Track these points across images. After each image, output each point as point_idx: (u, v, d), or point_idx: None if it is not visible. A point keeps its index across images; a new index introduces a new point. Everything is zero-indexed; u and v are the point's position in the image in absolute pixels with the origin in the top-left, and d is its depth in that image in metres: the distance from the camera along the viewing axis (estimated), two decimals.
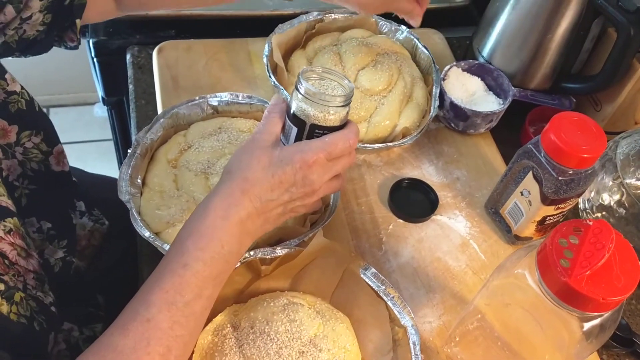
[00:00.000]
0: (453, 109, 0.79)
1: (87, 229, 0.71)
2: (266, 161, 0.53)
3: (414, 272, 0.69)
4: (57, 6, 0.60)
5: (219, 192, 0.52)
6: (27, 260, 0.53)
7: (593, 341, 0.47)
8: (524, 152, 0.64)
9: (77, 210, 0.72)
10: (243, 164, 0.53)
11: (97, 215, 0.74)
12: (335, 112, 0.54)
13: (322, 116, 0.54)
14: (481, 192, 0.77)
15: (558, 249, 0.45)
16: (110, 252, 0.75)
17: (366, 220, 0.73)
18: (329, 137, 0.54)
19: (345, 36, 0.83)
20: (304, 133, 0.55)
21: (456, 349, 0.62)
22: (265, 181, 0.52)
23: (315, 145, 0.53)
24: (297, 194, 0.53)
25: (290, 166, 0.52)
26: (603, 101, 0.82)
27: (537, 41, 0.79)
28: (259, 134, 0.55)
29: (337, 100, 0.54)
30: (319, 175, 0.53)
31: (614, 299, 0.43)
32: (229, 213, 0.51)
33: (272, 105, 0.57)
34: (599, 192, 0.71)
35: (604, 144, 0.59)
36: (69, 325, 0.63)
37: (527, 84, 0.84)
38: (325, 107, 0.53)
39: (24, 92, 0.60)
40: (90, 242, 0.72)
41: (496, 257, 0.71)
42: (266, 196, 0.52)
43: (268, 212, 0.53)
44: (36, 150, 0.61)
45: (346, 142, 0.54)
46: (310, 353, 0.54)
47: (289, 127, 0.55)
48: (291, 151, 0.53)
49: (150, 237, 0.60)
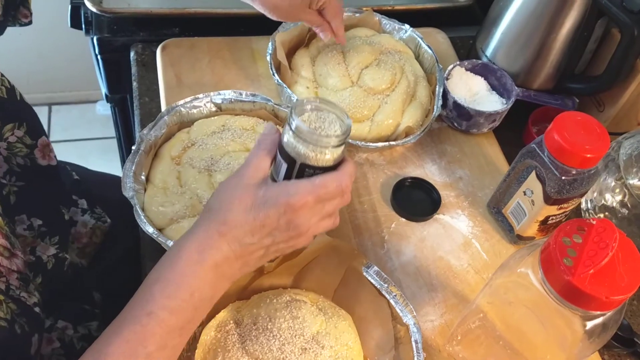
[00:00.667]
0: (456, 108, 0.79)
1: (89, 227, 0.71)
2: (249, 202, 0.48)
3: (416, 271, 0.69)
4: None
5: (195, 233, 0.49)
6: (11, 260, 0.51)
7: (595, 340, 0.47)
8: (528, 151, 0.64)
9: (79, 208, 0.71)
10: (224, 204, 0.49)
11: (99, 213, 0.74)
12: (328, 152, 0.49)
13: (313, 156, 0.49)
14: (484, 191, 0.77)
15: (562, 247, 0.45)
16: (111, 250, 0.75)
17: (369, 218, 0.73)
18: (320, 179, 0.49)
19: (349, 35, 0.84)
20: (293, 171, 0.50)
21: (458, 348, 0.62)
22: (246, 224, 0.48)
23: (303, 187, 0.48)
24: (281, 237, 0.50)
25: (274, 209, 0.48)
26: (606, 102, 0.82)
27: (541, 41, 0.79)
28: (245, 168, 0.51)
29: (332, 142, 0.48)
30: (305, 220, 0.49)
31: (617, 298, 0.43)
32: (203, 257, 0.47)
33: (263, 136, 0.52)
34: (602, 192, 0.71)
35: (607, 144, 0.59)
36: (64, 324, 0.63)
37: (531, 84, 0.84)
38: (318, 147, 0.48)
39: (4, 80, 0.57)
40: (91, 240, 0.72)
41: (498, 257, 0.71)
42: (246, 240, 0.48)
43: (248, 255, 0.50)
44: (20, 144, 0.60)
45: (339, 185, 0.49)
46: (313, 350, 0.54)
47: (279, 161, 0.50)
48: (276, 192, 0.48)
49: (153, 233, 0.60)
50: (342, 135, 0.49)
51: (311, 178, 0.49)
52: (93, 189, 0.76)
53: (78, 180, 0.77)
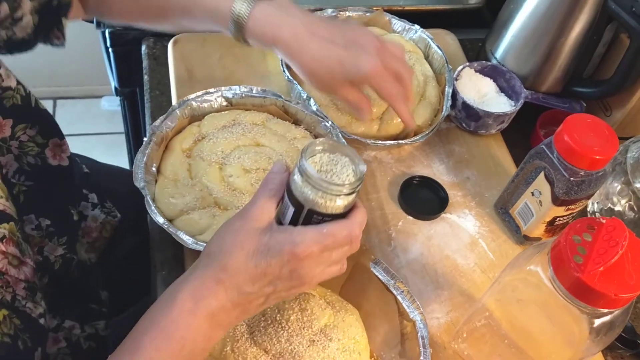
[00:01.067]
0: (465, 109, 0.80)
1: (99, 222, 0.71)
2: (251, 248, 0.46)
3: (423, 269, 0.69)
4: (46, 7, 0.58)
5: (191, 279, 0.46)
6: (19, 269, 0.50)
7: (602, 339, 0.48)
8: (537, 152, 0.65)
9: (89, 202, 0.72)
10: (224, 248, 0.46)
11: (109, 207, 0.74)
12: (339, 200, 0.46)
13: (322, 203, 0.46)
14: (491, 192, 0.77)
15: (572, 245, 0.45)
16: (121, 245, 0.75)
17: (376, 216, 0.73)
18: (328, 228, 0.46)
19: None
20: (300, 215, 0.47)
21: (463, 345, 0.63)
22: (246, 272, 0.46)
23: (309, 236, 0.45)
24: (283, 286, 0.47)
25: (277, 258, 0.45)
26: (613, 106, 0.83)
27: (551, 44, 0.80)
28: (250, 209, 0.47)
29: (343, 190, 0.45)
30: (310, 269, 0.47)
31: (626, 296, 0.43)
32: (198, 306, 0.45)
33: (271, 174, 0.49)
34: (608, 195, 0.72)
35: (616, 147, 0.60)
36: (70, 323, 0.62)
37: (539, 86, 0.84)
38: (328, 194, 0.45)
39: (20, 88, 0.57)
40: (101, 235, 0.72)
41: (505, 257, 0.72)
42: (245, 288, 0.46)
43: (246, 303, 0.47)
44: (32, 143, 0.59)
45: (348, 234, 0.46)
46: (321, 342, 0.54)
47: (286, 204, 0.47)
48: (281, 240, 0.46)
49: (164, 224, 0.60)
50: (355, 182, 0.46)
51: (319, 226, 0.46)
52: (102, 182, 0.76)
53: (88, 173, 0.77)
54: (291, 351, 0.53)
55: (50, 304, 0.57)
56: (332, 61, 0.62)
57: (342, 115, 0.77)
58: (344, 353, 0.55)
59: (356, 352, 0.56)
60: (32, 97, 0.59)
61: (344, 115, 0.77)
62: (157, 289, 0.63)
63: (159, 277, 0.64)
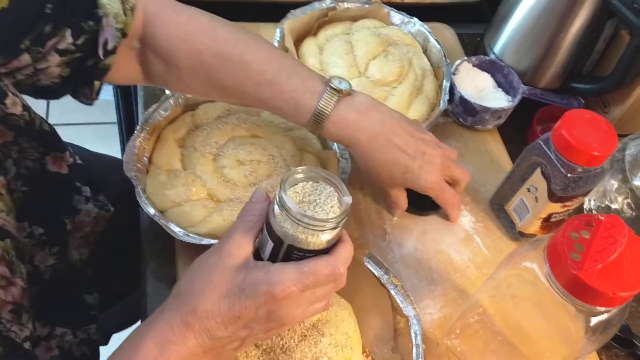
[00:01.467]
0: (462, 103, 0.79)
1: (92, 216, 0.70)
2: (224, 289, 0.42)
3: (417, 264, 0.69)
4: (78, 64, 0.55)
5: (158, 322, 0.42)
6: (7, 290, 0.48)
7: (598, 337, 0.47)
8: (534, 147, 0.64)
9: (82, 196, 0.70)
10: (195, 288, 0.43)
11: (102, 201, 0.72)
12: (322, 235, 0.42)
13: (303, 238, 0.42)
14: (486, 187, 0.77)
15: (569, 242, 0.44)
16: (113, 238, 0.74)
17: (371, 210, 0.73)
18: (309, 266, 0.42)
19: (357, 25, 0.83)
20: (280, 251, 0.43)
21: (456, 341, 0.62)
22: (218, 315, 0.42)
23: (288, 275, 0.42)
24: (260, 328, 0.44)
25: (252, 300, 0.42)
26: (612, 103, 0.82)
27: (550, 40, 0.79)
28: (224, 244, 0.44)
29: (326, 225, 0.41)
30: (289, 310, 0.43)
31: (624, 294, 0.43)
32: (164, 354, 0.41)
33: (250, 205, 0.45)
34: (606, 193, 0.71)
35: (615, 143, 0.59)
36: (62, 330, 0.60)
37: (537, 82, 0.83)
38: (309, 230, 0.42)
39: (25, 114, 0.54)
40: (94, 229, 0.71)
41: (499, 253, 0.71)
42: (217, 333, 0.42)
43: (219, 348, 0.43)
44: (33, 150, 0.57)
45: (331, 273, 0.43)
46: (313, 337, 0.53)
47: (265, 237, 0.44)
48: (256, 280, 0.42)
49: (155, 215, 0.59)
50: (339, 216, 0.42)
51: (299, 263, 0.42)
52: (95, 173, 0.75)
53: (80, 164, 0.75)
54: (282, 346, 0.52)
55: (40, 312, 0.55)
56: (397, 169, 0.63)
57: None
58: (336, 348, 0.54)
59: (348, 347, 0.55)
60: (37, 120, 0.56)
61: None
62: (147, 281, 0.62)
63: (149, 270, 0.63)
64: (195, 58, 0.58)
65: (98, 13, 0.52)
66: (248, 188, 0.64)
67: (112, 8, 0.53)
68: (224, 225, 0.61)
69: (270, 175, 0.66)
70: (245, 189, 0.64)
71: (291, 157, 0.69)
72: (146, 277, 0.63)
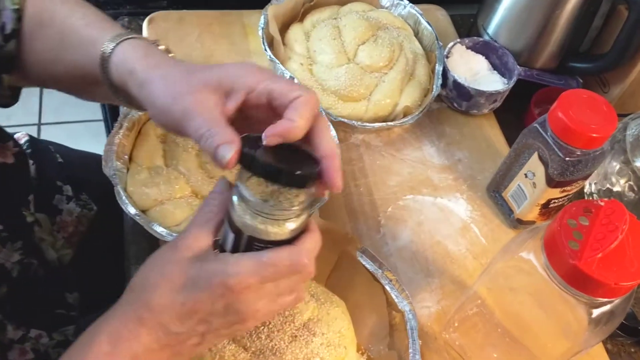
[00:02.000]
0: (456, 87, 0.76)
1: (75, 215, 0.68)
2: (178, 282, 0.40)
3: (413, 256, 0.66)
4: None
5: (112, 318, 0.41)
6: None
7: (602, 329, 0.45)
8: (530, 131, 0.61)
9: (63, 195, 0.68)
10: (149, 282, 0.40)
11: (85, 200, 0.70)
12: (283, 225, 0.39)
13: (263, 229, 0.39)
14: (483, 174, 0.74)
15: (567, 230, 0.42)
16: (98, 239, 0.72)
17: (364, 202, 0.70)
18: (268, 256, 0.39)
19: (345, 9, 0.80)
20: (241, 243, 0.41)
21: (455, 335, 0.60)
22: (172, 309, 0.39)
23: (245, 266, 0.39)
24: (219, 323, 0.41)
25: (207, 293, 0.39)
26: (611, 82, 0.79)
27: (545, 17, 0.76)
28: (182, 237, 0.41)
29: (285, 215, 0.39)
30: (250, 303, 0.40)
31: (627, 284, 0.40)
32: (117, 349, 0.39)
33: (211, 195, 0.42)
34: (607, 175, 0.69)
35: (615, 124, 0.56)
36: (37, 332, 0.58)
37: (533, 63, 0.80)
38: (269, 220, 0.39)
39: None
40: (77, 229, 0.69)
41: (497, 242, 0.69)
42: (172, 328, 0.40)
43: (178, 344, 0.41)
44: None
45: (292, 264, 0.40)
46: (304, 337, 0.51)
47: (226, 229, 0.41)
48: (212, 271, 0.39)
49: (136, 215, 0.57)
50: (304, 203, 0.39)
51: (258, 253, 0.40)
52: (77, 172, 0.73)
53: (62, 163, 0.73)
54: (272, 348, 0.50)
55: (12, 314, 0.53)
56: None
57: (328, 96, 0.74)
58: (329, 348, 0.52)
59: (341, 346, 0.53)
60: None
61: (329, 97, 0.74)
62: None
63: (133, 271, 0.61)
64: None
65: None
66: None
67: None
68: None
69: None
70: None
71: None
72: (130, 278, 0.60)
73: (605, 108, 0.56)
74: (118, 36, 0.48)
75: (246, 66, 0.44)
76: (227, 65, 0.44)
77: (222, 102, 0.42)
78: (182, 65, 0.46)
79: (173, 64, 0.46)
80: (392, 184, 0.72)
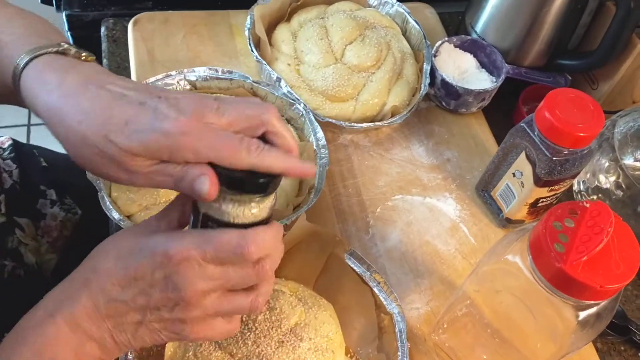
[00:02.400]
0: (444, 86, 0.76)
1: (59, 220, 0.67)
2: (125, 249, 0.40)
3: (402, 257, 0.66)
4: None
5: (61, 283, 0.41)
6: None
7: (589, 331, 0.45)
8: (517, 130, 0.61)
9: (47, 199, 0.67)
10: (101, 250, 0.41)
11: (69, 204, 0.69)
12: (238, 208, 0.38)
13: (216, 206, 0.38)
14: (472, 173, 0.74)
15: (552, 232, 0.42)
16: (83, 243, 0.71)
17: (353, 203, 0.70)
18: (214, 233, 0.38)
19: (332, 9, 0.79)
20: (197, 221, 0.40)
21: (444, 336, 0.60)
22: (115, 275, 0.39)
23: (189, 237, 0.38)
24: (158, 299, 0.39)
25: (148, 259, 0.38)
26: (600, 79, 0.79)
27: (533, 15, 0.75)
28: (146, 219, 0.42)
29: (251, 197, 0.38)
30: (188, 280, 0.38)
31: (613, 287, 0.40)
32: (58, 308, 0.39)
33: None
34: (595, 173, 0.68)
35: (602, 123, 0.56)
36: None
37: (521, 61, 0.80)
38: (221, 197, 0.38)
39: None
40: (62, 234, 0.68)
41: (487, 241, 0.68)
42: (113, 293, 0.39)
43: (118, 316, 0.40)
44: None
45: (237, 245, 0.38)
46: (291, 342, 0.51)
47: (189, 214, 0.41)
48: (156, 242, 0.39)
49: (120, 220, 0.56)
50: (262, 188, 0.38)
51: (205, 230, 0.39)
52: (62, 175, 0.72)
53: (46, 167, 0.72)
54: (258, 354, 0.50)
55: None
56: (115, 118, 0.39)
57: (315, 97, 0.73)
58: (316, 353, 0.51)
59: (329, 351, 0.52)
60: None
61: (317, 97, 0.73)
62: None
63: None
64: None
65: None
66: None
67: None
68: None
69: None
70: None
71: None
72: None
73: (592, 107, 0.56)
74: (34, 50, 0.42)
75: None
76: None
77: None
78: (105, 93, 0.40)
79: None
80: (381, 184, 0.72)
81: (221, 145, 0.37)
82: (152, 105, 0.38)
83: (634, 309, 0.67)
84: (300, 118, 0.69)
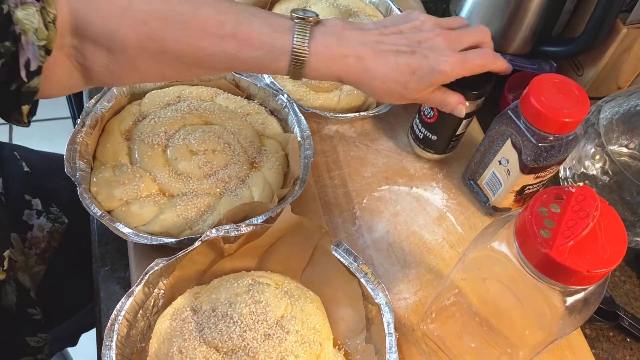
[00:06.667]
0: None
1: (46, 231, 0.65)
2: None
3: (389, 247, 0.65)
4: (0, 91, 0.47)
5: None
6: None
7: (577, 316, 0.44)
8: (502, 117, 0.61)
9: (33, 210, 0.65)
10: None
11: (56, 213, 0.67)
12: None
13: None
14: (459, 162, 0.73)
15: (538, 218, 0.41)
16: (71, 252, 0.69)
17: (339, 194, 0.69)
18: None
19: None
20: None
21: (432, 326, 0.59)
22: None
23: None
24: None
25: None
26: (585, 65, 0.78)
27: (516, 2, 0.75)
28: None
29: None
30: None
31: (599, 271, 0.39)
32: None
33: None
34: (581, 159, 0.68)
35: (587, 108, 0.55)
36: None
37: (506, 48, 0.80)
38: None
39: None
40: (50, 245, 0.66)
41: (474, 230, 0.68)
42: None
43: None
44: None
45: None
46: (277, 335, 0.50)
47: None
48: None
49: (102, 216, 0.55)
50: None
51: None
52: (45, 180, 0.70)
53: (28, 172, 0.70)
54: (244, 347, 0.49)
55: None
56: (403, 74, 0.53)
57: (299, 88, 0.72)
58: (303, 345, 0.51)
59: (316, 343, 0.52)
60: None
61: (300, 88, 0.72)
62: (100, 285, 0.58)
63: (101, 273, 0.59)
64: (141, 31, 0.49)
65: (15, 31, 0.44)
66: (203, 180, 0.60)
67: (30, 23, 0.44)
68: (177, 222, 0.57)
69: (227, 164, 0.62)
70: (200, 182, 0.60)
71: (249, 143, 0.65)
72: (99, 281, 0.59)
73: (577, 92, 0.56)
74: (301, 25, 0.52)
75: None
76: None
77: None
78: None
79: None
80: (367, 174, 0.71)
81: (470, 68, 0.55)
82: (421, 52, 0.53)
83: (621, 295, 0.67)
84: (284, 109, 0.68)
